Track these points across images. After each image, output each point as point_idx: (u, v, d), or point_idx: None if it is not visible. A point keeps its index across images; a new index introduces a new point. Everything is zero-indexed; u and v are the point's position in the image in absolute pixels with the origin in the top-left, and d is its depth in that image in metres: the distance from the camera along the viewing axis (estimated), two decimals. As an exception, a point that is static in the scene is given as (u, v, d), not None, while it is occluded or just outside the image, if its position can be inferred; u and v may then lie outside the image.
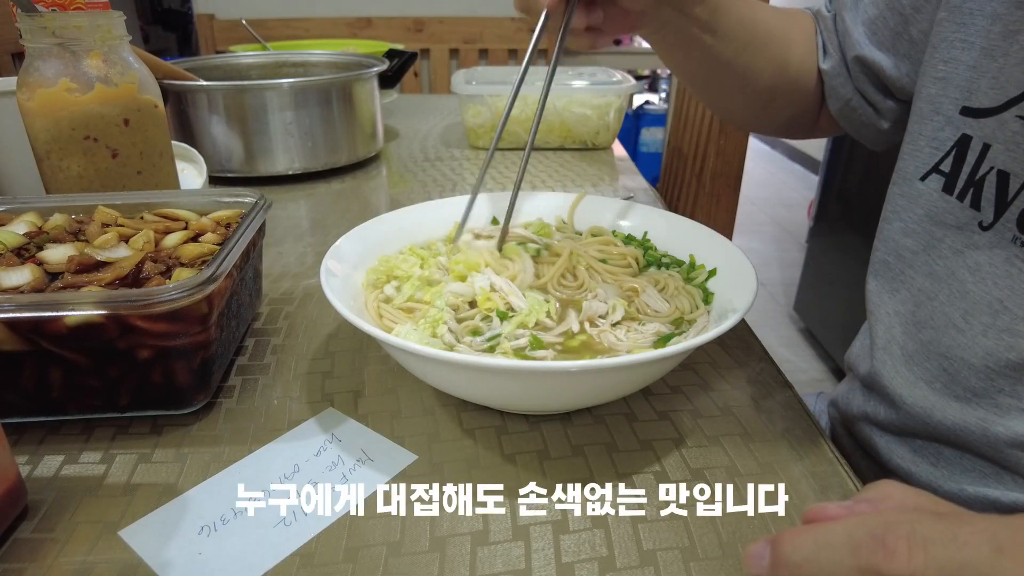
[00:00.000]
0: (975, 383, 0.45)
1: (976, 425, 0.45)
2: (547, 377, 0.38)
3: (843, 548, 0.22)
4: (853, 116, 0.59)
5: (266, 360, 0.51)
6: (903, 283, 0.51)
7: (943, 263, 0.47)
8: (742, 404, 0.46)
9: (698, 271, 0.52)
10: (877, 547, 0.22)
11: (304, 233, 0.76)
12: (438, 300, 0.47)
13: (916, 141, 0.49)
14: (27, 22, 0.54)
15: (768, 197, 3.54)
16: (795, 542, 0.23)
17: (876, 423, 0.53)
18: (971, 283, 0.45)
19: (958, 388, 0.46)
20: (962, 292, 0.45)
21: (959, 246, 0.46)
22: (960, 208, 0.45)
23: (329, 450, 0.41)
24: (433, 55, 2.07)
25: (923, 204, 0.48)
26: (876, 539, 0.22)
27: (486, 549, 0.35)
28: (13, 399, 0.41)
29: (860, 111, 0.58)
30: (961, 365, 0.46)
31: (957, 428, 0.46)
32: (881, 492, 0.26)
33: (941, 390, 0.47)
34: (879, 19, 0.54)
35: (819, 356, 2.07)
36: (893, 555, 0.21)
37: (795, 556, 0.23)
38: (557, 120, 1.05)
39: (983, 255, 0.44)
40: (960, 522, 0.22)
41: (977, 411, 0.45)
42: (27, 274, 0.43)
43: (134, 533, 0.35)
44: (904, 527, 0.22)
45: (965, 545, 0.21)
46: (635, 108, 3.09)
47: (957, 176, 0.46)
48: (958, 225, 0.46)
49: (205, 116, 0.88)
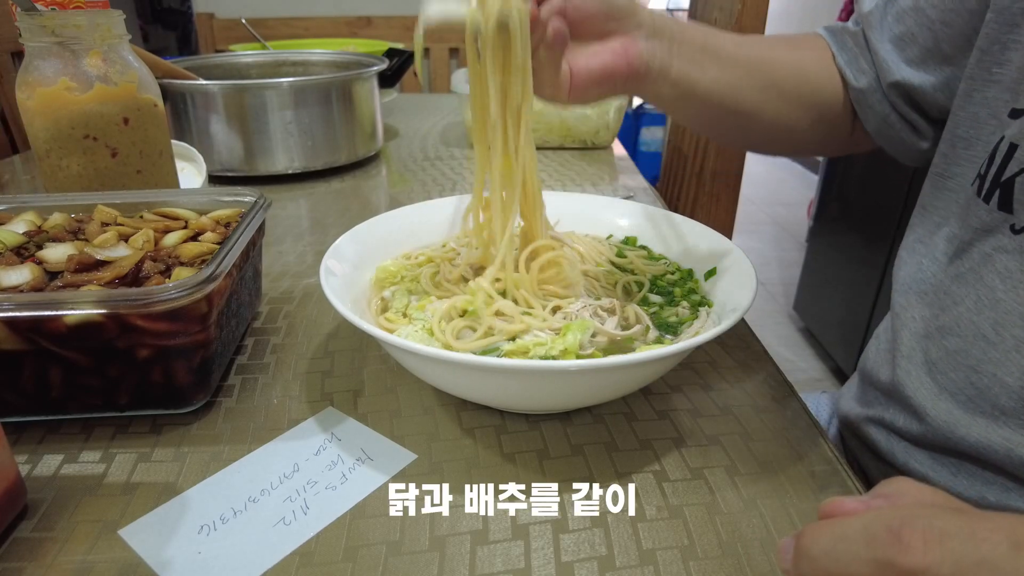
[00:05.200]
0: (1005, 401, 0.42)
1: (1001, 445, 0.43)
2: (547, 376, 0.38)
3: (859, 541, 0.22)
4: (891, 134, 0.56)
5: (266, 359, 0.51)
6: (932, 286, 0.48)
7: (970, 265, 0.45)
8: (742, 404, 0.46)
9: (694, 283, 0.52)
10: (893, 540, 0.21)
11: (304, 232, 0.76)
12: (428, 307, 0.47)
13: (973, 146, 0.47)
14: (27, 21, 0.54)
15: (768, 197, 3.54)
16: (815, 535, 0.24)
17: (895, 431, 0.51)
18: (1001, 291, 0.42)
19: (985, 404, 0.44)
20: (992, 300, 0.43)
21: (988, 249, 0.43)
22: (987, 211, 0.43)
23: (329, 449, 0.41)
24: (433, 54, 2.07)
25: (961, 207, 0.46)
26: (892, 532, 0.22)
27: (486, 548, 0.35)
28: (13, 398, 0.41)
29: (898, 128, 0.56)
30: (992, 381, 0.43)
31: (980, 447, 0.44)
32: (897, 488, 0.26)
33: (966, 404, 0.45)
34: (907, 36, 0.52)
35: (819, 356, 2.07)
36: (908, 548, 0.21)
37: (814, 549, 0.23)
38: (557, 119, 1.05)
39: (1014, 261, 0.42)
40: (978, 518, 0.22)
41: (1003, 430, 0.43)
42: (27, 273, 0.43)
43: (134, 532, 0.35)
44: (921, 521, 0.22)
45: (983, 541, 0.21)
46: (635, 107, 3.08)
47: (986, 177, 0.44)
48: (986, 228, 0.43)
49: (205, 115, 0.88)
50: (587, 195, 0.64)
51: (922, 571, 0.21)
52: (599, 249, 0.55)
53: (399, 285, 0.51)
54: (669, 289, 0.51)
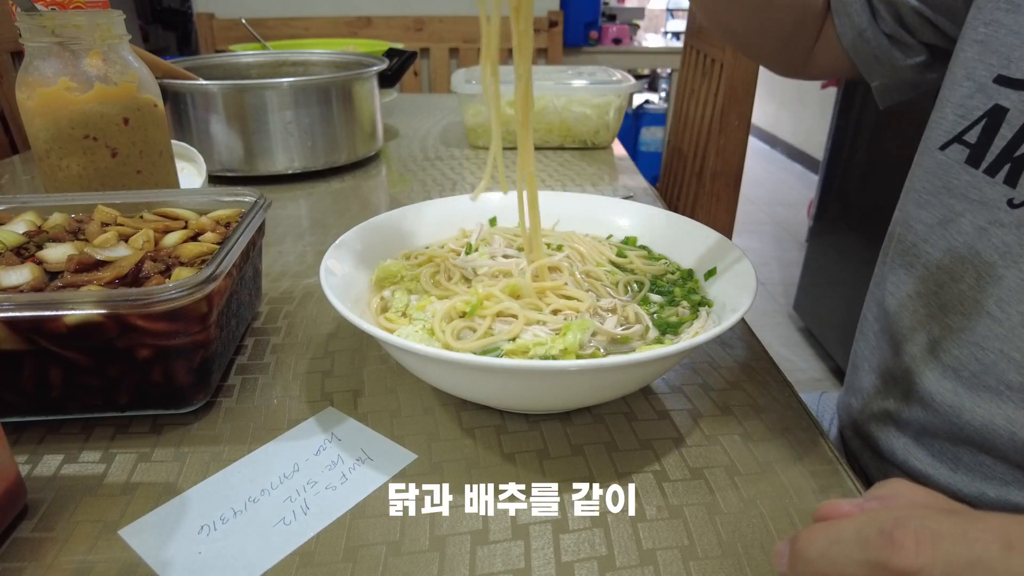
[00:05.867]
0: (1013, 376, 0.42)
1: (1004, 428, 0.43)
2: (547, 376, 0.38)
3: (853, 543, 0.22)
4: (866, 48, 0.55)
5: (266, 359, 0.51)
6: (917, 257, 0.48)
7: (962, 239, 0.44)
8: (742, 404, 0.46)
9: (694, 283, 0.52)
10: (886, 542, 0.22)
11: (304, 232, 0.76)
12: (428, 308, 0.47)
13: (943, 108, 0.46)
14: (27, 21, 0.54)
15: (768, 197, 3.54)
16: (809, 539, 0.24)
17: (895, 423, 0.51)
18: (1002, 267, 0.42)
19: (991, 379, 0.43)
20: (993, 277, 0.42)
21: (982, 222, 0.43)
22: (988, 183, 0.42)
23: (329, 449, 0.41)
24: (433, 54, 2.07)
25: (941, 175, 0.46)
26: (885, 534, 0.22)
27: (486, 548, 0.35)
28: (13, 398, 0.41)
29: (874, 43, 0.54)
30: (999, 357, 0.43)
31: (984, 429, 0.44)
32: (892, 490, 0.26)
33: (970, 380, 0.44)
34: None
35: (819, 355, 2.07)
36: (900, 549, 0.21)
37: (809, 552, 0.24)
38: (557, 119, 1.05)
39: (1012, 235, 0.41)
40: (971, 518, 0.22)
41: (1007, 408, 0.43)
42: (27, 273, 0.43)
43: (134, 532, 0.35)
44: (913, 522, 0.22)
45: (975, 541, 0.21)
46: (635, 107, 3.09)
47: (986, 149, 0.42)
48: (982, 200, 0.43)
49: (205, 115, 0.88)
50: (587, 195, 0.64)
51: (915, 572, 0.21)
52: (599, 249, 0.55)
53: (399, 285, 0.51)
54: (669, 289, 0.51)
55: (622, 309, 0.47)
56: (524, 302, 0.46)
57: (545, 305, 0.46)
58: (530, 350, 0.42)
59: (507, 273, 0.50)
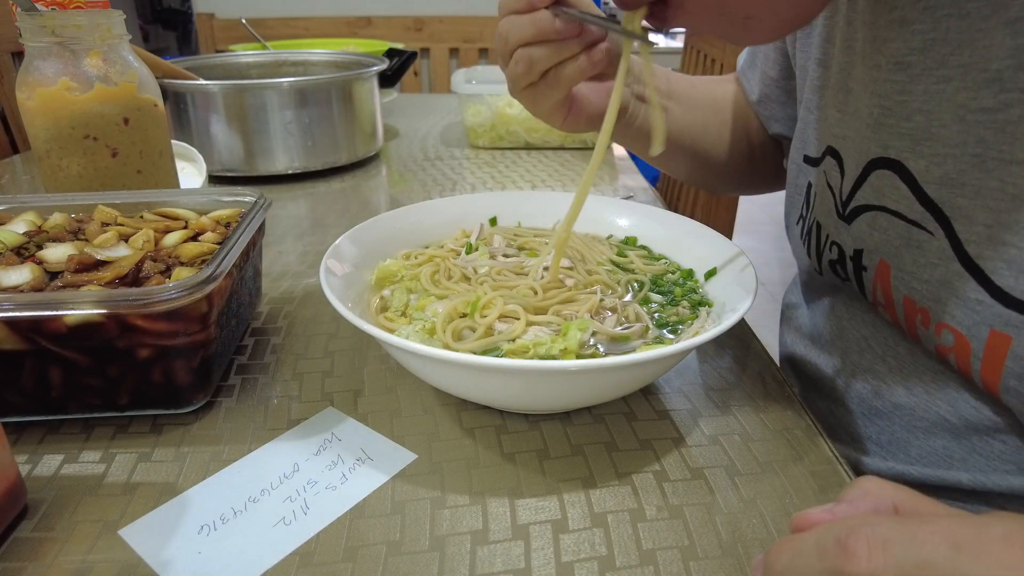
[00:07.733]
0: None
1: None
2: (547, 376, 0.38)
3: (813, 554, 0.23)
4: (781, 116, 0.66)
5: (266, 359, 0.51)
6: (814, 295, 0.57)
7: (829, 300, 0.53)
8: (742, 404, 0.46)
9: (694, 283, 0.52)
10: (840, 550, 0.22)
11: (304, 232, 0.76)
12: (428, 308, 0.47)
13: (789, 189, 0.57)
14: (27, 21, 0.54)
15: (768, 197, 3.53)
16: (778, 552, 0.25)
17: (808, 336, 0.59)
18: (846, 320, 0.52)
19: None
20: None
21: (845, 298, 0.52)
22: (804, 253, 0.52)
23: (329, 449, 0.41)
24: (433, 54, 2.07)
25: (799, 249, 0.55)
26: (839, 543, 0.23)
27: (486, 548, 0.35)
28: (13, 398, 0.41)
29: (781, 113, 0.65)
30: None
31: None
32: (860, 490, 0.27)
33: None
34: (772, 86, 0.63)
35: (819, 356, 2.06)
36: (853, 556, 0.22)
37: (777, 566, 0.25)
38: (557, 119, 1.05)
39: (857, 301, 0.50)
40: (920, 522, 0.23)
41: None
42: (27, 273, 0.43)
43: (134, 532, 0.35)
44: (865, 529, 0.23)
45: (923, 544, 0.22)
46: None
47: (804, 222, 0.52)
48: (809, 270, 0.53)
49: (205, 115, 0.88)
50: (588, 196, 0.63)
51: None
52: (599, 249, 0.55)
53: (399, 284, 0.51)
54: (669, 289, 0.51)
55: (622, 309, 0.47)
56: (529, 305, 0.46)
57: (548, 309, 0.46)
58: (530, 350, 0.42)
59: (518, 272, 0.51)
